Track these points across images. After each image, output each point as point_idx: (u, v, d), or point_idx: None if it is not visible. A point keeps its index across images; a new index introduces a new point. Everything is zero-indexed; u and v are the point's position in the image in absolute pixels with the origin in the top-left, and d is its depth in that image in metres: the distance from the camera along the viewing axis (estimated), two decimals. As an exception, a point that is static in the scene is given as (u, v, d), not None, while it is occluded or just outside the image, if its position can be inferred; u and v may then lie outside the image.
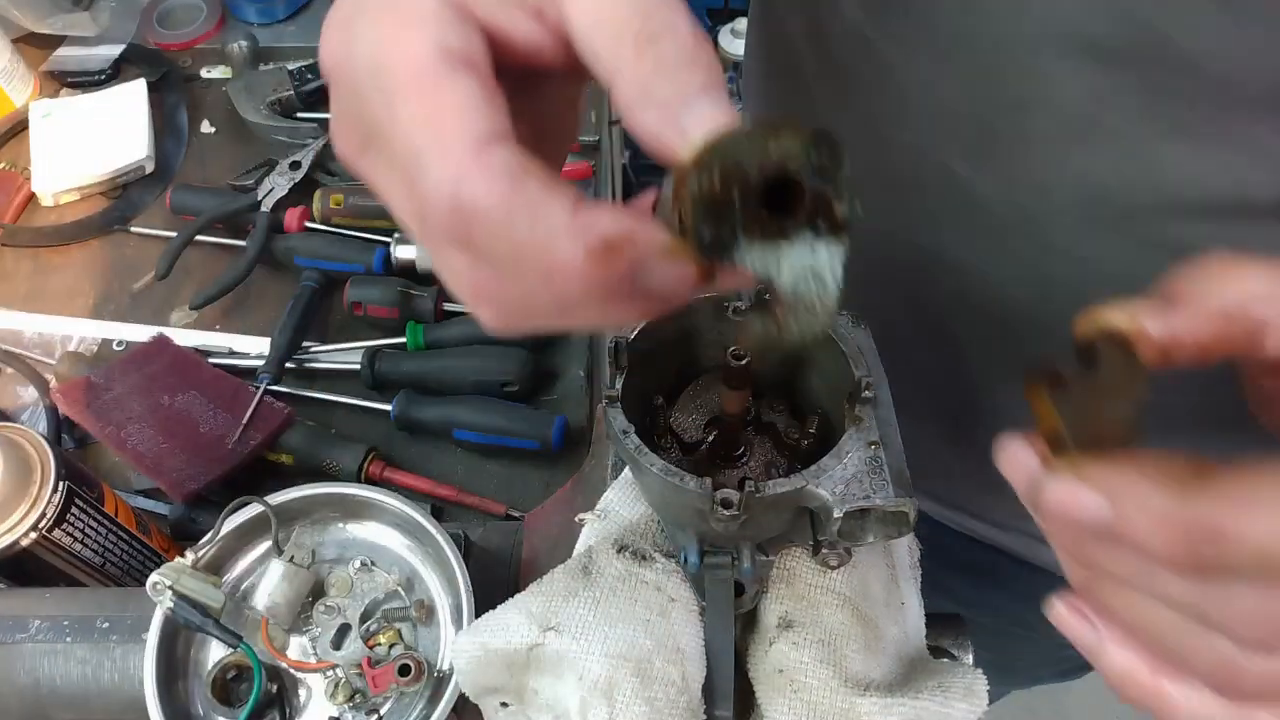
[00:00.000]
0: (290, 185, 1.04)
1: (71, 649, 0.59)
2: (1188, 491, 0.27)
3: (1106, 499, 0.28)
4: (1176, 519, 0.26)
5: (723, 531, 0.42)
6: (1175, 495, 0.27)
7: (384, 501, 0.62)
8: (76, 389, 0.87)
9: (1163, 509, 0.27)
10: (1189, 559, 0.27)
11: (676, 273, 0.28)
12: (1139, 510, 0.27)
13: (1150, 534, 0.27)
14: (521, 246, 0.28)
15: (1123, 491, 0.28)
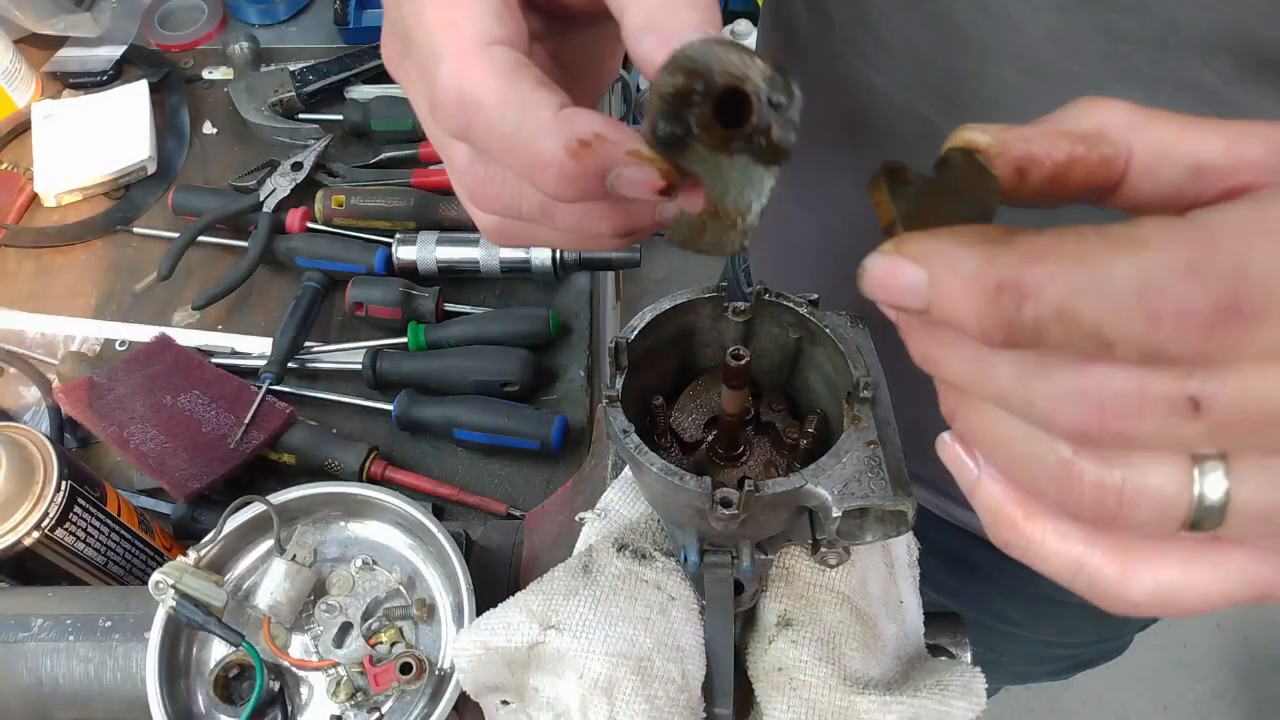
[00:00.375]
0: (292, 186, 1.04)
1: (74, 648, 0.59)
2: (995, 249, 0.25)
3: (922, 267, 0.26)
4: (983, 277, 0.25)
5: (722, 530, 0.42)
6: (983, 254, 0.25)
7: (385, 501, 0.62)
8: (79, 389, 0.88)
9: (970, 269, 0.25)
10: (998, 326, 0.25)
11: (641, 176, 0.31)
12: (951, 275, 0.25)
13: (963, 301, 0.25)
14: (510, 139, 0.32)
15: (935, 256, 0.26)
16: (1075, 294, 0.23)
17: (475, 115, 0.32)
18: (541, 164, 0.31)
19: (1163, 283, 0.23)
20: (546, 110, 0.32)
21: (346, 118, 1.10)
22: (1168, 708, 2.02)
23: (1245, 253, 0.22)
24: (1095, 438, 0.25)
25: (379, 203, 1.00)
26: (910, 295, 0.26)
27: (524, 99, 0.32)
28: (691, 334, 0.49)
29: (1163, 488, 0.25)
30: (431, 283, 0.97)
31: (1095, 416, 0.24)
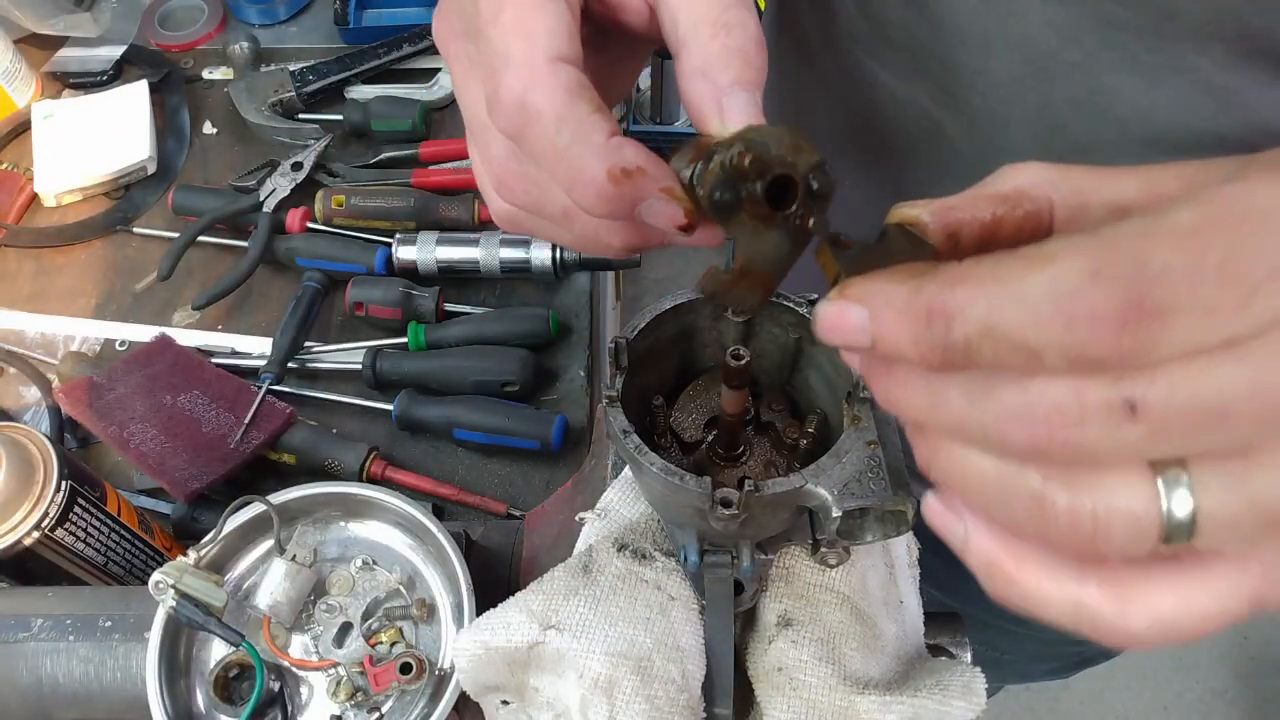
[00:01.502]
0: (292, 186, 1.04)
1: (74, 648, 0.59)
2: (922, 279, 0.27)
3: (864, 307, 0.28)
4: (914, 305, 0.27)
5: (722, 530, 0.42)
6: (912, 285, 0.27)
7: (385, 501, 0.62)
8: (79, 389, 0.88)
9: (902, 300, 0.27)
10: (934, 350, 0.26)
11: (669, 211, 0.35)
12: (887, 308, 0.27)
13: (900, 331, 0.27)
14: (560, 152, 0.35)
15: (873, 294, 0.28)
16: (996, 310, 0.25)
17: (533, 123, 0.35)
18: (584, 181, 0.35)
19: (1072, 289, 0.24)
20: (599, 135, 0.35)
21: (346, 118, 1.10)
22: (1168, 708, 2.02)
23: (1143, 254, 0.23)
24: (1048, 452, 0.25)
25: (379, 203, 1.00)
26: (856, 334, 0.28)
27: (581, 120, 0.35)
28: (691, 334, 0.49)
29: (1131, 505, 0.25)
30: (431, 283, 0.97)
31: (1043, 430, 0.25)
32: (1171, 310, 0.23)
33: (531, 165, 0.38)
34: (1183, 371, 0.24)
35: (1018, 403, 0.25)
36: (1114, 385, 0.24)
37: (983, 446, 0.27)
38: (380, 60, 1.14)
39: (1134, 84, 0.48)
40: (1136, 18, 0.46)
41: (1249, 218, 0.23)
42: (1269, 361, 0.23)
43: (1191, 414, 0.24)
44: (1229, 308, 0.23)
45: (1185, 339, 0.23)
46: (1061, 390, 0.25)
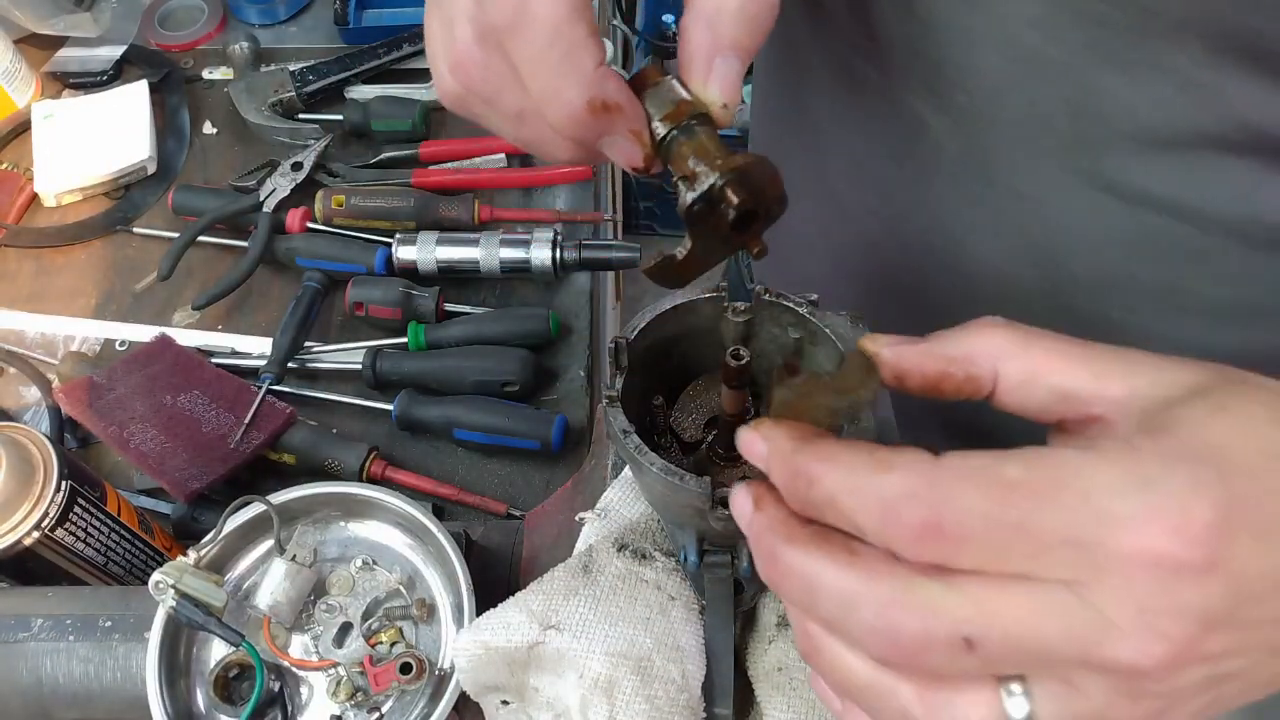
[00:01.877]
0: (292, 186, 1.04)
1: (74, 648, 0.59)
2: (805, 445, 0.33)
3: (765, 444, 0.34)
4: (790, 462, 0.33)
5: (722, 531, 0.42)
6: (796, 445, 0.33)
7: (385, 501, 0.62)
8: (79, 389, 0.88)
9: (785, 453, 0.33)
10: (795, 499, 0.33)
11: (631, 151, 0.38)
12: (776, 454, 0.34)
13: (778, 475, 0.33)
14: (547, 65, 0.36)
15: (772, 440, 0.34)
16: (840, 491, 0.31)
17: (528, 27, 0.35)
18: (563, 102, 0.36)
19: (892, 498, 0.30)
20: (590, 61, 0.36)
21: (346, 118, 1.10)
22: (1168, 708, 2.02)
23: (953, 490, 0.29)
24: (899, 666, 0.31)
25: (379, 203, 1.00)
26: (758, 460, 0.35)
27: (576, 40, 0.35)
28: (691, 334, 0.49)
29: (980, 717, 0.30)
30: (431, 283, 0.96)
31: (894, 652, 0.30)
32: (965, 540, 0.29)
33: (499, 58, 0.38)
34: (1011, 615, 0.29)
35: (876, 624, 0.30)
36: (955, 624, 0.29)
37: (845, 642, 0.32)
38: (380, 60, 1.14)
39: (1116, 81, 0.49)
40: (1117, 14, 0.46)
41: (1069, 491, 0.29)
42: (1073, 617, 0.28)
43: (1016, 652, 0.29)
44: (1019, 555, 0.29)
45: (977, 563, 0.29)
46: (913, 622, 0.29)
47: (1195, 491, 0.28)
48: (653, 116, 0.38)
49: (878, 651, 0.31)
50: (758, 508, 0.34)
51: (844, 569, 0.31)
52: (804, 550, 0.32)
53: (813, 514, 0.32)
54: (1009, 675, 0.30)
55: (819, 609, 0.32)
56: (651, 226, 2.38)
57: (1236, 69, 0.45)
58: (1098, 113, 0.50)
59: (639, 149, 0.38)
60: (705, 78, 0.38)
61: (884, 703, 0.32)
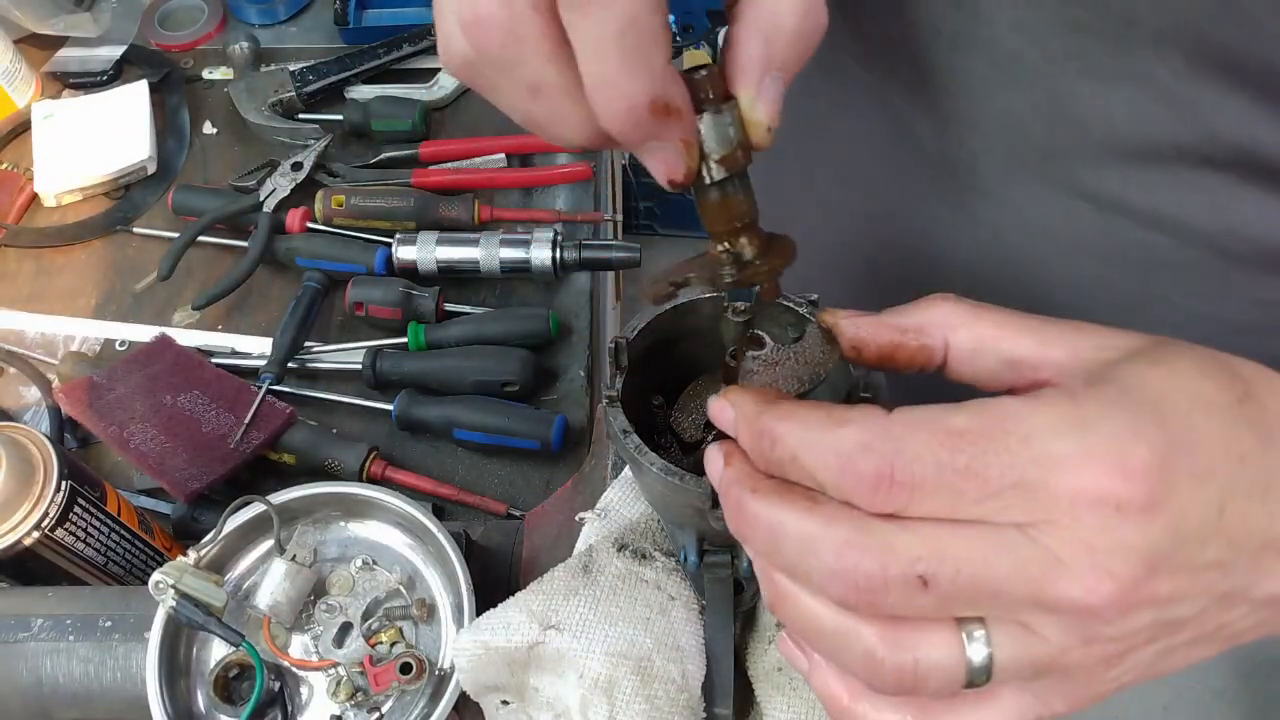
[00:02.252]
0: (292, 186, 1.04)
1: (74, 648, 0.59)
2: (768, 407, 0.34)
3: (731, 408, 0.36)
4: (754, 423, 0.34)
5: (722, 531, 0.42)
6: (759, 408, 0.34)
7: (385, 501, 0.62)
8: (79, 389, 0.88)
9: (749, 415, 0.34)
10: (759, 458, 0.34)
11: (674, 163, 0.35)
12: (741, 418, 0.35)
13: (744, 436, 0.35)
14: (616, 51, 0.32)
15: (738, 405, 0.35)
16: (800, 446, 0.33)
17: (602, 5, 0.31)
18: (622, 95, 0.33)
19: (847, 451, 0.31)
20: (661, 56, 0.33)
21: (346, 118, 1.10)
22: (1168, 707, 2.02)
23: (905, 440, 0.30)
24: (857, 607, 0.32)
25: (379, 203, 1.00)
26: (727, 427, 0.36)
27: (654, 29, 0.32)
28: (691, 334, 0.49)
29: (943, 660, 0.31)
30: (431, 283, 0.96)
31: (853, 593, 0.31)
32: (917, 487, 0.30)
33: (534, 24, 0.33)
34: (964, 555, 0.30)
35: (836, 566, 0.31)
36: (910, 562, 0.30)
37: (806, 588, 0.33)
38: (380, 60, 1.14)
39: (1095, 89, 0.49)
40: (1098, 22, 0.46)
41: (1012, 436, 0.30)
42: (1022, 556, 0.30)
43: (971, 590, 0.30)
44: (969, 499, 0.30)
45: (930, 509, 0.30)
46: (870, 562, 0.30)
47: (1133, 433, 0.29)
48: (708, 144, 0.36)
49: (838, 593, 0.31)
50: (727, 464, 0.36)
51: (804, 514, 0.32)
52: (767, 499, 0.33)
53: (777, 472, 0.34)
54: (968, 618, 0.31)
55: (782, 555, 0.33)
56: (651, 226, 2.38)
57: (1215, 83, 0.45)
58: (1076, 121, 0.50)
59: (685, 163, 0.35)
60: (755, 95, 0.36)
61: (848, 646, 0.32)
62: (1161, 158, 0.49)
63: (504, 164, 1.07)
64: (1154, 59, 0.46)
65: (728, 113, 0.36)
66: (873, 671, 0.32)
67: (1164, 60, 0.45)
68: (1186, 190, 0.50)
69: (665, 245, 2.36)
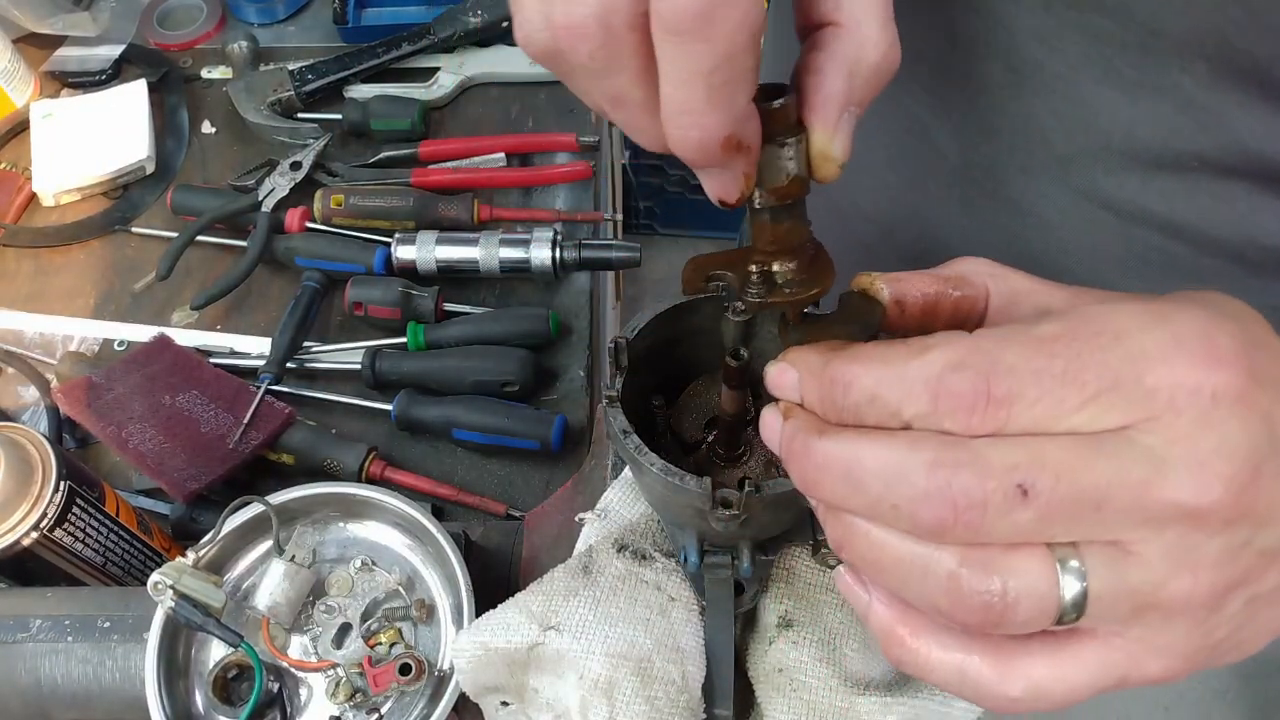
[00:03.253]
0: (291, 185, 1.04)
1: (73, 648, 0.59)
2: (834, 354, 0.33)
3: (795, 370, 0.34)
4: (823, 373, 0.33)
5: (722, 531, 0.42)
6: (825, 358, 0.33)
7: (384, 501, 0.62)
8: (78, 389, 0.87)
9: (816, 367, 0.33)
10: (832, 408, 0.32)
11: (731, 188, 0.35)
12: (807, 372, 0.34)
13: (811, 390, 0.33)
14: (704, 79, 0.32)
15: (800, 361, 0.34)
16: (880, 384, 0.31)
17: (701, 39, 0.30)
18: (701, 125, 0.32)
19: (937, 375, 0.30)
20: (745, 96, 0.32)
21: (346, 117, 1.10)
22: (1168, 708, 2.02)
23: (998, 353, 0.29)
24: (953, 531, 0.29)
25: (378, 202, 1.00)
26: (789, 391, 0.34)
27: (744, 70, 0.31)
28: (691, 334, 0.49)
29: (1035, 586, 0.29)
30: (431, 282, 0.96)
31: (949, 511, 0.29)
32: (1016, 399, 0.29)
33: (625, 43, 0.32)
34: (1065, 462, 0.28)
35: (927, 487, 0.29)
36: (1009, 471, 0.28)
37: (894, 526, 0.31)
38: (379, 59, 1.14)
39: (1116, 99, 0.49)
40: (1122, 32, 0.46)
41: (1103, 335, 0.29)
42: (1126, 458, 0.28)
43: (1073, 501, 0.28)
44: (1070, 406, 0.29)
45: (1030, 423, 0.29)
46: (965, 477, 0.29)
47: (1214, 323, 0.29)
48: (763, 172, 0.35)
49: (930, 516, 0.29)
50: (787, 417, 0.34)
51: (885, 443, 0.30)
52: (839, 437, 0.32)
53: (851, 419, 0.32)
54: (1062, 545, 0.29)
55: (861, 492, 0.31)
56: (651, 226, 2.37)
57: (1239, 93, 0.45)
58: (1096, 128, 0.50)
59: (740, 191, 0.35)
60: (833, 130, 0.35)
61: (929, 573, 0.30)
62: (1183, 167, 0.49)
63: (504, 163, 1.07)
64: (1178, 68, 0.45)
65: (794, 145, 0.35)
66: (955, 600, 0.30)
67: (1188, 70, 0.45)
68: (1207, 199, 0.50)
69: (665, 245, 2.36)
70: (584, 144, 1.08)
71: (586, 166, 1.06)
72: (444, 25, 1.15)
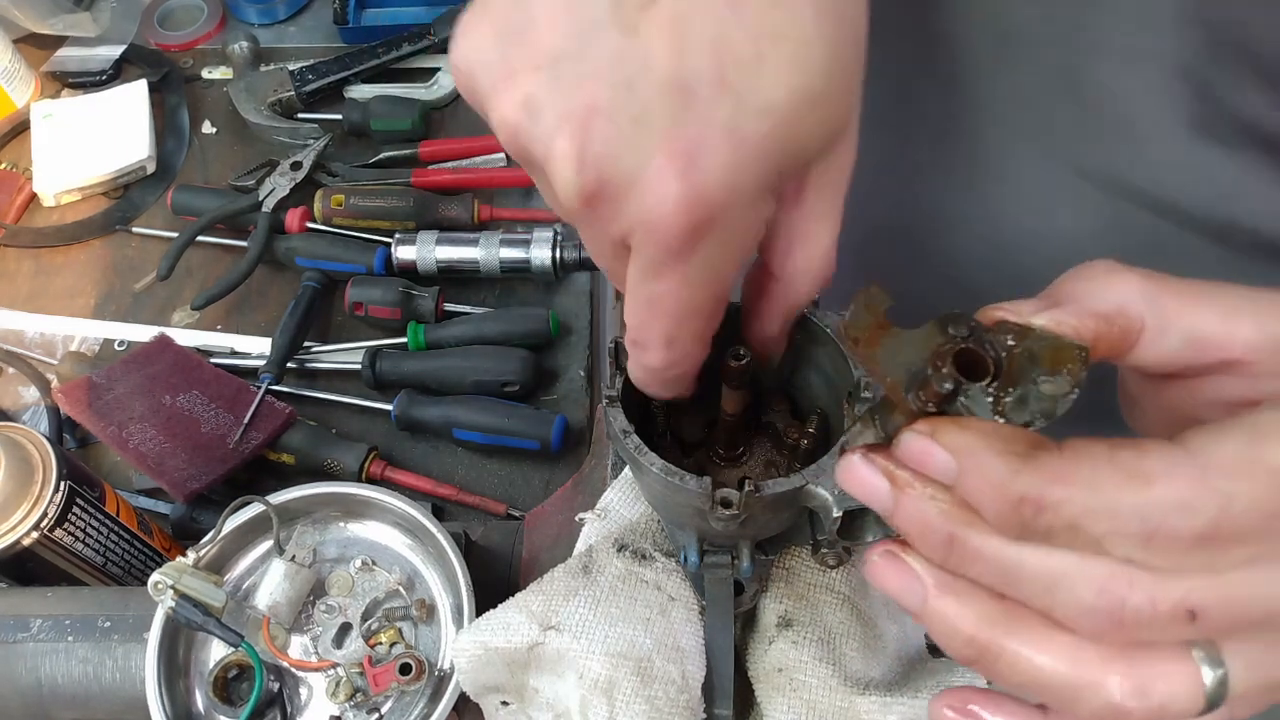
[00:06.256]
0: (291, 186, 1.04)
1: (73, 648, 0.59)
2: (1022, 464, 0.28)
3: (954, 459, 0.29)
4: (1008, 488, 0.28)
5: (722, 531, 0.42)
6: (1010, 467, 0.28)
7: (385, 501, 0.62)
8: (78, 389, 0.87)
9: (998, 478, 0.29)
10: (1013, 526, 0.29)
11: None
12: (980, 477, 0.29)
13: (986, 500, 0.29)
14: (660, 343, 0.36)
15: (968, 454, 0.29)
16: (1086, 514, 0.28)
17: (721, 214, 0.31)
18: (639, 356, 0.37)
19: (1160, 515, 0.27)
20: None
21: (346, 117, 1.10)
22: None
23: (1230, 490, 0.27)
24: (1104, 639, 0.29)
25: (378, 202, 1.00)
26: (940, 474, 0.30)
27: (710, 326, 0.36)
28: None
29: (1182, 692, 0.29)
30: (431, 283, 0.96)
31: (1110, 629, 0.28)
32: (1240, 540, 0.27)
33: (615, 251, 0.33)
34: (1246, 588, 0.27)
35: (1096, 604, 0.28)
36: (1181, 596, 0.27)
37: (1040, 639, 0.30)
38: (380, 60, 1.14)
39: (1107, 66, 0.48)
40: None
41: None
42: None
43: (1241, 619, 0.28)
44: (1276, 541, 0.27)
45: (1244, 560, 0.27)
46: (1139, 596, 0.27)
47: None
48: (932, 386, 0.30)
49: (1090, 628, 0.28)
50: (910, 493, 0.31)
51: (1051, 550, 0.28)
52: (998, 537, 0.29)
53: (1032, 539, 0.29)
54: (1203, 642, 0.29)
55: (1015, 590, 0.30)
56: (651, 226, 2.37)
57: (1232, 63, 0.44)
58: (1083, 97, 0.50)
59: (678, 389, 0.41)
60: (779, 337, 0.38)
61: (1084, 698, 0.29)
62: (1170, 139, 0.48)
63: (504, 163, 1.07)
64: (1174, 37, 0.44)
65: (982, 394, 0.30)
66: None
67: (1181, 38, 0.44)
68: (1192, 174, 0.49)
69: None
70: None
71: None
72: (444, 25, 1.15)
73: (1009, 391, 0.30)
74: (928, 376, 0.30)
